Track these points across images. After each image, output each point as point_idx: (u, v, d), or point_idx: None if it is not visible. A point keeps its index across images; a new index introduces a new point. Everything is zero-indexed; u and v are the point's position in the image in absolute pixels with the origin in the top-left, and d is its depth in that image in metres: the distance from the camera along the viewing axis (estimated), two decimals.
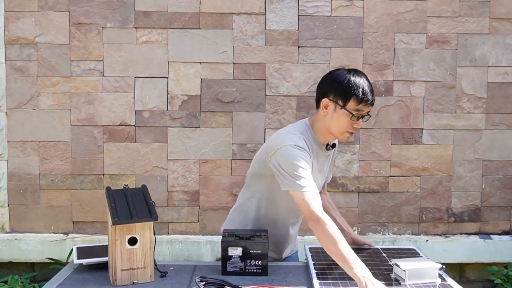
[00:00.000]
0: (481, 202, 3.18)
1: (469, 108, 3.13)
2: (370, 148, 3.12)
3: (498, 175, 3.17)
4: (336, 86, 1.73)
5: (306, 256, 1.88)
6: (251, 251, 1.73)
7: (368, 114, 1.76)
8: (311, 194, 1.67)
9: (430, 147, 3.13)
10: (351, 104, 1.71)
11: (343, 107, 1.72)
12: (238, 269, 1.74)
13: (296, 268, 1.83)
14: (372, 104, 1.74)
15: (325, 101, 1.76)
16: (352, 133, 1.77)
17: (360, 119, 1.74)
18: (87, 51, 3.03)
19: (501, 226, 3.20)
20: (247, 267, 1.73)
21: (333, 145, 1.90)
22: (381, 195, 3.14)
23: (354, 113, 1.71)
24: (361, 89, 1.71)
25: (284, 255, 2.02)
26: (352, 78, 1.73)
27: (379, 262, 1.79)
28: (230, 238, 1.74)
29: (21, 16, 3.01)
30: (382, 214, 3.15)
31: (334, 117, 1.74)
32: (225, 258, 1.74)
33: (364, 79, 1.74)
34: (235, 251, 1.73)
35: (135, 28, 3.03)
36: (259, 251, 1.72)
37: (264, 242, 1.72)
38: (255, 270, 1.73)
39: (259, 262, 1.73)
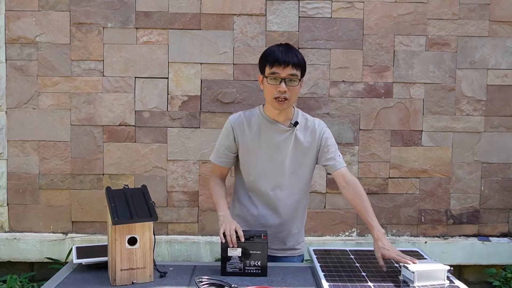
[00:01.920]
0: (480, 204, 3.18)
1: (468, 110, 3.14)
2: (369, 150, 3.12)
3: (497, 178, 3.18)
4: (259, 61, 1.93)
5: (311, 258, 1.88)
6: (250, 252, 1.73)
7: (294, 77, 1.85)
8: (213, 166, 2.09)
9: (429, 149, 3.14)
10: (267, 70, 1.87)
11: (264, 76, 1.89)
12: (238, 269, 1.74)
13: (296, 269, 1.83)
14: (288, 64, 1.82)
15: (259, 77, 1.95)
16: (280, 100, 1.85)
17: (283, 83, 1.83)
18: (88, 51, 3.03)
19: (499, 228, 3.21)
20: (246, 268, 1.73)
21: (295, 123, 1.95)
22: (380, 197, 3.15)
23: (270, 76, 1.85)
24: (272, 53, 1.85)
25: (278, 245, 2.02)
26: (268, 49, 1.91)
27: (385, 264, 1.79)
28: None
29: (22, 15, 3.01)
30: (381, 215, 3.15)
31: (265, 89, 1.91)
32: (225, 258, 1.74)
33: (281, 47, 1.88)
34: (235, 252, 1.74)
35: (136, 28, 3.03)
36: (258, 252, 1.73)
37: (264, 243, 1.73)
38: (254, 271, 1.73)
39: (259, 263, 1.73)
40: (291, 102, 1.90)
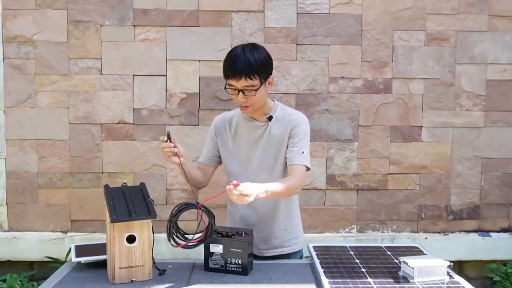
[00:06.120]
0: (480, 199, 3.18)
1: (468, 105, 3.13)
2: (369, 146, 3.11)
3: (497, 173, 3.17)
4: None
5: (311, 254, 1.88)
6: (231, 249, 1.71)
7: (250, 87, 1.76)
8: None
9: (429, 145, 3.13)
10: (226, 80, 1.82)
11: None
12: (219, 266, 1.73)
13: (295, 266, 1.82)
14: (241, 76, 1.74)
15: None
16: (242, 107, 1.85)
17: (240, 94, 1.79)
18: (85, 49, 3.02)
19: (500, 223, 3.21)
20: (227, 265, 1.72)
21: (270, 118, 1.91)
22: (380, 193, 3.14)
23: (228, 88, 1.82)
24: (226, 64, 1.79)
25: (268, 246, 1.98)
26: (227, 55, 1.81)
27: (385, 260, 1.79)
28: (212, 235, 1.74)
29: (19, 14, 3.00)
30: (381, 211, 3.15)
31: None
32: (208, 254, 1.74)
33: (238, 50, 1.77)
34: (216, 248, 1.73)
35: (134, 26, 3.02)
36: (239, 250, 1.71)
37: (243, 241, 1.70)
38: (235, 269, 1.71)
39: (239, 261, 1.71)
40: (256, 107, 1.87)
